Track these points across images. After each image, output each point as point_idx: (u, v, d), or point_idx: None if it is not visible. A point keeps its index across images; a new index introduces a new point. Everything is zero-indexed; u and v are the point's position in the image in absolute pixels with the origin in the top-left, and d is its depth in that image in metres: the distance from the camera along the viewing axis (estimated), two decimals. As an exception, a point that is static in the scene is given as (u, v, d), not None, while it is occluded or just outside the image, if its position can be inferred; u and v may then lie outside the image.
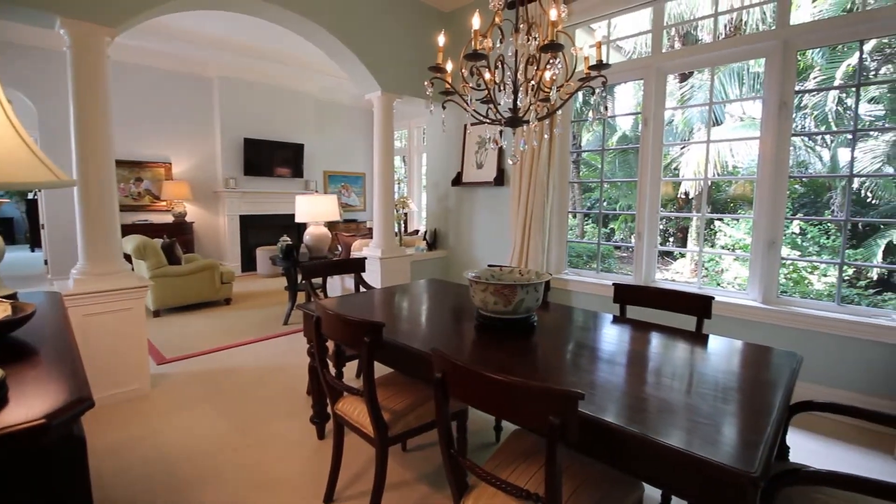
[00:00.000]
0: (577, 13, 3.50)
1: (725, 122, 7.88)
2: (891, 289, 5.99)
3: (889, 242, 6.04)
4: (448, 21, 4.35)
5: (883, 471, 2.08)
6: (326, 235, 4.51)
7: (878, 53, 6.43)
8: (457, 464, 1.25)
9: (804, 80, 6.77)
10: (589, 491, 1.23)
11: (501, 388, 1.05)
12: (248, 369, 3.22)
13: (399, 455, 2.17)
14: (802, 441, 2.31)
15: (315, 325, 1.74)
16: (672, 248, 8.75)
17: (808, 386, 2.58)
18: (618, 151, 8.68)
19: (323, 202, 4.39)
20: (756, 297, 2.87)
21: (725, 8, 6.55)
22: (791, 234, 6.85)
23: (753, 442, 1.00)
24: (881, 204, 6.34)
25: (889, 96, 6.32)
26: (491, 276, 2.02)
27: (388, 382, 1.89)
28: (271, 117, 7.10)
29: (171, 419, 2.51)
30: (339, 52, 3.78)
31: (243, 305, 5.05)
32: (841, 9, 6.29)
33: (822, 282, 6.35)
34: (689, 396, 1.25)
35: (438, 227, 4.81)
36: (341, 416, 1.80)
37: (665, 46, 3.35)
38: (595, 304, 3.46)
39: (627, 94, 8.90)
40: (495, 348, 1.64)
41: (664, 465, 1.03)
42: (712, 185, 7.76)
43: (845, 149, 6.69)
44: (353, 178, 8.52)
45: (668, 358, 1.59)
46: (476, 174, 4.35)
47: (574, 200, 9.21)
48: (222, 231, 6.84)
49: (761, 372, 1.45)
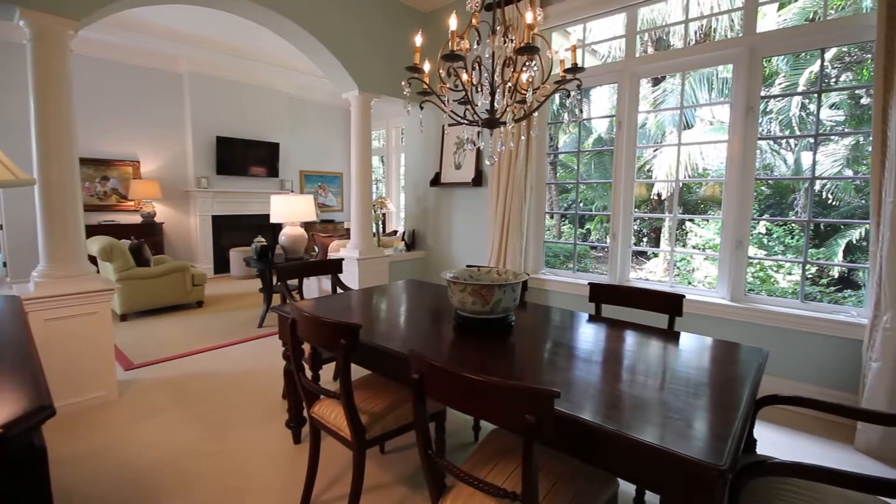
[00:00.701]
0: (553, 17, 3.55)
1: (696, 125, 8.11)
2: (850, 286, 6.27)
3: (849, 242, 6.33)
4: (426, 21, 4.34)
5: (844, 460, 2.18)
6: (302, 236, 4.44)
7: (838, 62, 6.73)
8: (434, 464, 1.24)
9: (770, 86, 7.03)
10: (565, 487, 1.25)
11: (478, 387, 1.05)
12: (220, 374, 3.14)
13: (377, 457, 2.15)
14: (769, 433, 2.39)
15: (290, 327, 1.71)
16: (646, 248, 8.96)
17: (774, 380, 2.68)
18: (593, 153, 8.83)
19: (299, 202, 4.32)
20: (725, 295, 2.96)
21: (696, 15, 6.75)
22: (758, 235, 7.10)
23: (722, 436, 1.03)
24: (841, 205, 6.64)
25: (848, 103, 6.63)
26: (469, 277, 2.03)
27: (365, 384, 1.88)
28: (245, 115, 6.94)
29: (138, 427, 2.42)
30: (316, 50, 3.73)
31: (216, 308, 4.93)
32: (804, 18, 6.57)
33: (786, 280, 6.60)
34: (661, 393, 1.28)
35: (417, 227, 4.80)
36: (318, 420, 1.77)
37: (638, 51, 3.44)
38: (572, 303, 3.51)
39: (603, 97, 9.07)
40: (473, 348, 1.65)
41: (638, 460, 1.05)
42: (683, 186, 7.99)
43: (808, 152, 6.99)
44: (331, 178, 8.42)
45: (641, 355, 1.63)
46: (454, 175, 4.36)
47: (551, 201, 9.33)
48: (194, 232, 6.66)
49: (730, 368, 1.49)
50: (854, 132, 6.32)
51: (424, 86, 2.00)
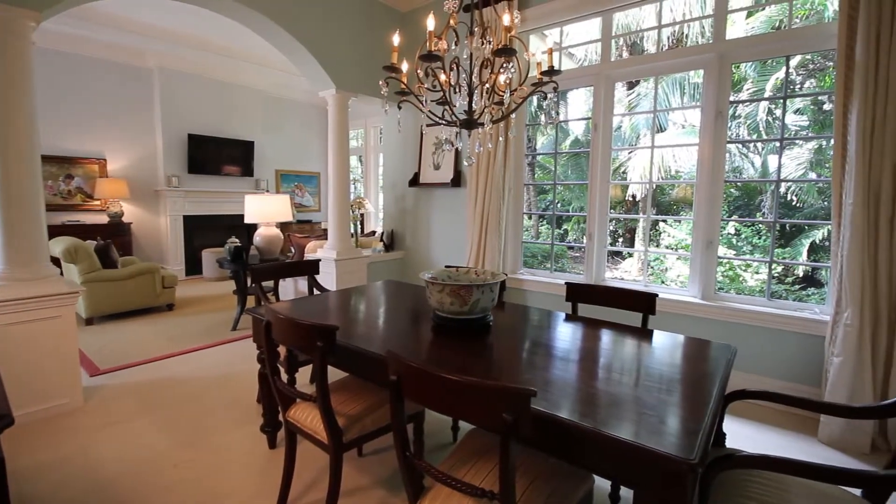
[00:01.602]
0: (531, 19, 3.58)
1: (669, 128, 8.32)
2: (814, 284, 6.54)
3: (812, 242, 6.60)
4: (405, 21, 4.33)
5: (808, 451, 2.27)
6: (278, 237, 4.36)
7: (803, 69, 7.02)
8: (412, 466, 1.24)
9: (738, 91, 7.28)
10: (542, 485, 1.26)
11: (455, 388, 1.05)
12: (192, 378, 3.05)
13: (355, 460, 2.12)
14: (737, 427, 2.47)
15: (265, 329, 1.68)
16: (621, 248, 9.15)
17: (743, 375, 2.77)
18: (570, 155, 8.97)
19: (274, 202, 4.24)
20: (696, 293, 3.05)
21: (668, 21, 6.93)
22: (727, 235, 7.34)
23: (693, 431, 1.06)
24: (805, 207, 6.93)
25: (812, 109, 6.91)
26: (447, 277, 2.03)
27: (343, 387, 1.85)
28: (218, 113, 6.78)
29: (105, 435, 2.33)
30: (292, 47, 3.66)
31: (188, 311, 4.79)
32: (770, 26, 6.82)
33: (754, 279, 6.84)
34: (635, 390, 1.31)
35: (395, 227, 4.77)
36: (293, 424, 1.74)
37: (614, 55, 3.50)
38: (549, 302, 3.55)
39: (579, 99, 9.21)
40: (452, 348, 1.64)
41: (612, 456, 1.07)
42: (657, 188, 8.18)
43: (774, 156, 7.25)
44: (308, 178, 8.30)
45: (616, 353, 1.66)
46: (433, 175, 4.35)
47: (529, 202, 9.42)
48: (164, 232, 6.45)
49: (701, 364, 1.54)
50: (817, 137, 6.60)
51: (402, 85, 1.99)
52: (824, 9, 6.23)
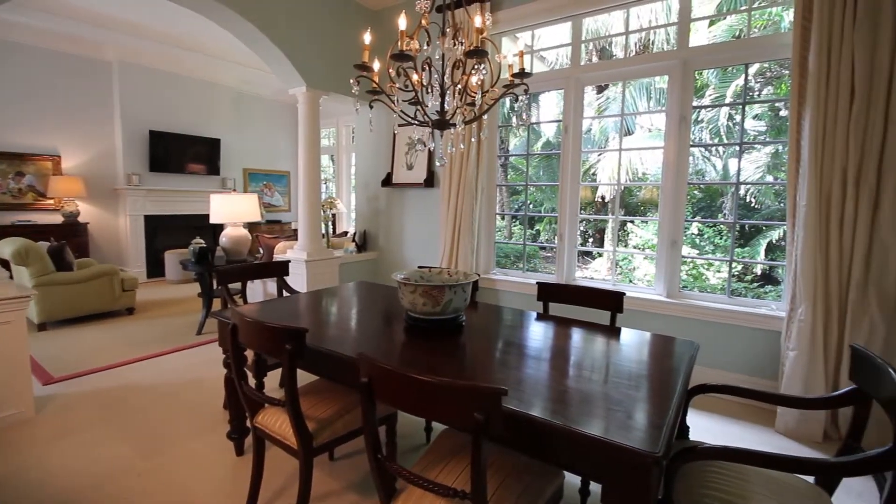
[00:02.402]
0: (503, 22, 3.62)
1: (636, 132, 8.56)
2: (771, 282, 6.85)
3: (769, 242, 6.93)
4: (376, 20, 4.29)
5: (766, 442, 2.37)
6: (246, 237, 4.24)
7: (761, 76, 7.35)
8: (384, 469, 1.22)
9: (701, 97, 7.55)
10: (514, 483, 1.27)
11: (427, 388, 1.05)
12: (155, 385, 2.93)
13: (326, 465, 2.09)
14: (700, 420, 2.56)
15: (231, 333, 1.63)
16: (591, 248, 9.35)
17: (705, 370, 2.88)
18: (542, 156, 9.09)
19: (242, 202, 4.12)
20: (661, 291, 3.14)
21: (635, 27, 7.13)
22: (691, 235, 7.61)
23: (657, 425, 1.09)
24: (763, 208, 7.26)
25: (769, 114, 7.25)
26: (420, 278, 2.02)
27: (313, 390, 1.82)
28: (182, 109, 6.54)
29: (60, 446, 2.21)
30: (260, 43, 3.57)
31: (149, 315, 4.60)
32: (731, 35, 7.11)
33: (716, 277, 7.12)
34: (603, 386, 1.33)
35: (368, 228, 4.72)
36: (262, 430, 1.69)
37: (584, 59, 3.57)
38: (521, 302, 3.59)
39: (551, 102, 9.35)
40: (424, 349, 1.64)
41: (581, 452, 1.09)
42: (625, 189, 8.40)
43: (734, 159, 7.57)
44: (277, 177, 8.11)
45: (586, 351, 1.69)
46: (406, 175, 4.33)
47: (502, 203, 9.49)
48: (123, 233, 6.17)
49: (666, 360, 1.58)
50: (774, 141, 6.93)
51: (374, 85, 1.97)
52: (780, 20, 6.55)
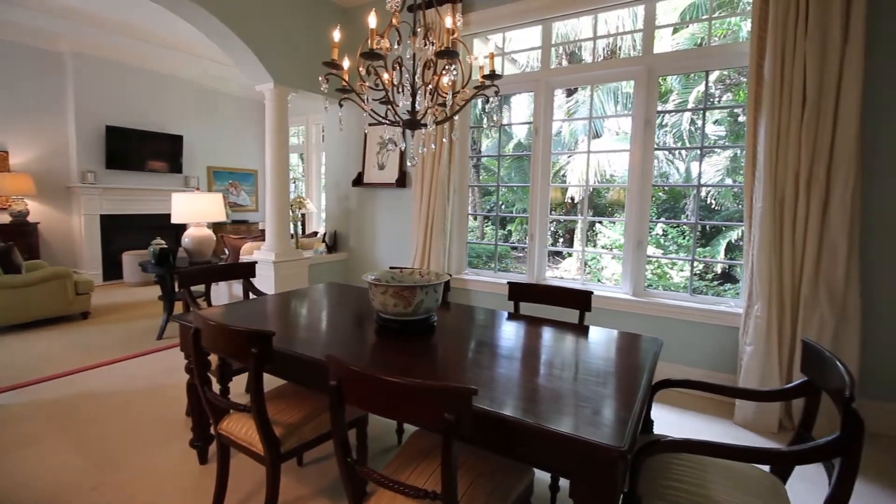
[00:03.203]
0: (475, 23, 3.64)
1: (604, 135, 8.78)
2: (730, 280, 7.16)
3: (729, 242, 7.24)
4: (346, 17, 4.23)
5: (725, 433, 2.47)
6: (210, 238, 4.08)
7: (721, 83, 7.67)
8: (353, 472, 1.20)
9: (665, 102, 7.82)
10: (484, 482, 1.27)
11: (397, 390, 1.04)
12: (112, 393, 2.79)
13: (294, 470, 2.04)
14: (664, 414, 2.64)
15: (193, 337, 1.56)
16: (561, 248, 9.52)
17: (669, 366, 2.97)
18: (514, 158, 9.20)
19: (205, 201, 3.98)
20: (628, 290, 3.23)
21: (603, 33, 7.31)
22: (655, 235, 7.86)
23: (623, 420, 1.11)
24: (723, 209, 7.59)
25: (728, 120, 7.58)
26: (391, 279, 2.00)
27: (280, 395, 1.77)
28: (142, 104, 6.27)
29: (11, 459, 2.07)
30: (226, 38, 3.45)
31: (106, 319, 4.38)
32: (693, 43, 7.39)
33: (679, 276, 7.39)
34: (571, 384, 1.36)
35: (339, 228, 4.65)
36: (226, 437, 1.64)
37: (554, 63, 3.63)
38: (493, 302, 3.62)
39: (522, 104, 9.47)
40: (396, 351, 1.62)
41: (550, 448, 1.10)
42: (593, 191, 8.59)
43: (696, 162, 7.88)
44: (243, 175, 7.88)
45: (556, 350, 1.71)
46: (378, 175, 4.29)
47: (475, 203, 9.55)
48: (77, 233, 5.86)
49: (632, 357, 1.63)
50: (732, 146, 7.23)
51: (343, 83, 1.94)
52: (739, 29, 6.86)
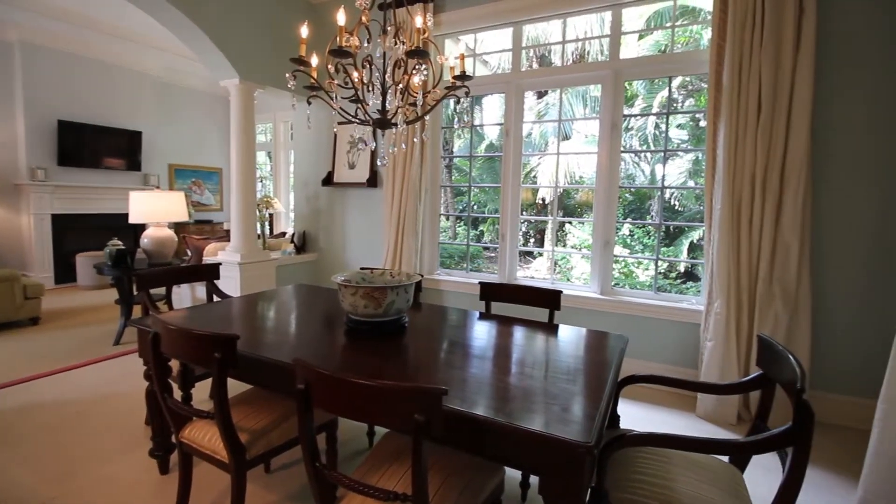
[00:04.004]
0: (446, 24, 3.64)
1: (573, 137, 8.96)
2: (692, 279, 7.44)
3: (691, 241, 7.53)
4: (315, 13, 4.15)
5: (688, 426, 2.56)
6: (171, 238, 3.92)
7: (683, 89, 7.97)
8: (322, 477, 1.18)
9: (631, 106, 8.06)
10: (455, 481, 1.27)
11: (366, 392, 1.02)
12: (65, 402, 2.64)
13: (262, 477, 1.98)
14: (630, 409, 2.72)
15: (152, 342, 1.50)
16: (532, 248, 9.66)
17: (635, 362, 3.06)
18: (486, 158, 9.27)
19: (166, 200, 3.82)
20: (596, 289, 3.31)
21: (572, 37, 7.46)
22: (622, 236, 8.10)
23: (590, 416, 1.13)
24: (685, 210, 7.88)
25: (690, 125, 7.88)
26: (361, 279, 1.97)
27: (246, 400, 1.72)
28: (98, 97, 5.96)
29: (-59, 478, 1.92)
30: (189, 31, 3.33)
31: (58, 325, 4.14)
32: (657, 49, 7.64)
33: (645, 274, 7.63)
34: (541, 382, 1.37)
35: (308, 228, 4.56)
36: (189, 445, 1.57)
37: (524, 65, 3.68)
38: (465, 302, 3.63)
39: (494, 105, 9.55)
40: (366, 352, 1.60)
41: (519, 446, 1.11)
42: (563, 192, 8.77)
43: (661, 165, 8.15)
44: (207, 174, 7.62)
45: (526, 348, 1.73)
46: (348, 174, 4.24)
47: (447, 203, 9.55)
48: (26, 234, 5.51)
49: (599, 354, 1.66)
50: (694, 149, 7.53)
51: (312, 80, 1.91)
52: (700, 38, 7.14)
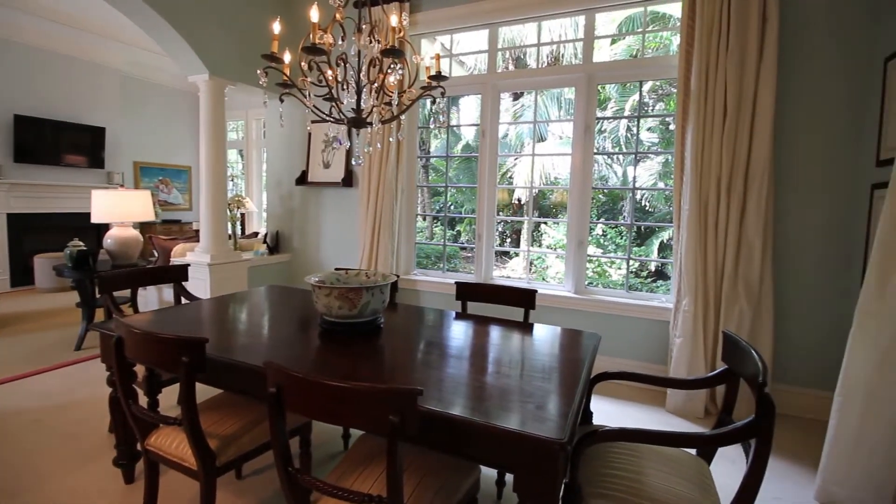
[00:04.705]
0: (422, 23, 3.63)
1: (549, 139, 9.09)
2: (662, 277, 7.66)
3: (661, 241, 7.75)
4: (288, 9, 4.07)
5: (658, 421, 2.64)
6: (136, 239, 3.77)
7: (654, 93, 8.19)
8: (295, 482, 1.16)
9: (604, 109, 8.23)
10: (431, 482, 1.27)
11: (339, 394, 1.01)
12: (23, 410, 2.50)
13: (233, 484, 1.93)
14: (602, 405, 2.77)
15: (115, 346, 1.44)
16: (508, 248, 9.75)
17: (608, 359, 3.12)
18: (462, 159, 9.30)
19: (131, 199, 3.67)
20: (570, 288, 3.36)
21: (547, 40, 7.56)
22: (596, 236, 8.27)
23: (563, 413, 1.15)
24: (656, 211, 8.10)
25: (661, 128, 8.11)
26: (336, 280, 1.95)
27: (216, 405, 1.67)
28: (59, 92, 5.69)
29: None
30: (155, 24, 3.21)
31: (14, 330, 3.93)
32: (629, 54, 7.83)
33: (617, 274, 7.80)
34: (517, 381, 1.38)
35: (281, 228, 4.47)
36: (155, 453, 1.52)
37: (500, 67, 3.71)
38: (442, 302, 3.63)
39: (471, 106, 9.59)
40: (340, 354, 1.58)
41: (494, 445, 1.12)
42: (539, 193, 8.88)
43: (632, 167, 8.35)
44: (175, 172, 7.38)
45: (501, 348, 1.74)
46: (323, 174, 4.18)
47: (424, 203, 9.53)
48: (-20, 234, 5.23)
49: (573, 352, 1.69)
50: (664, 152, 7.75)
51: (284, 77, 1.87)
52: (669, 43, 7.35)
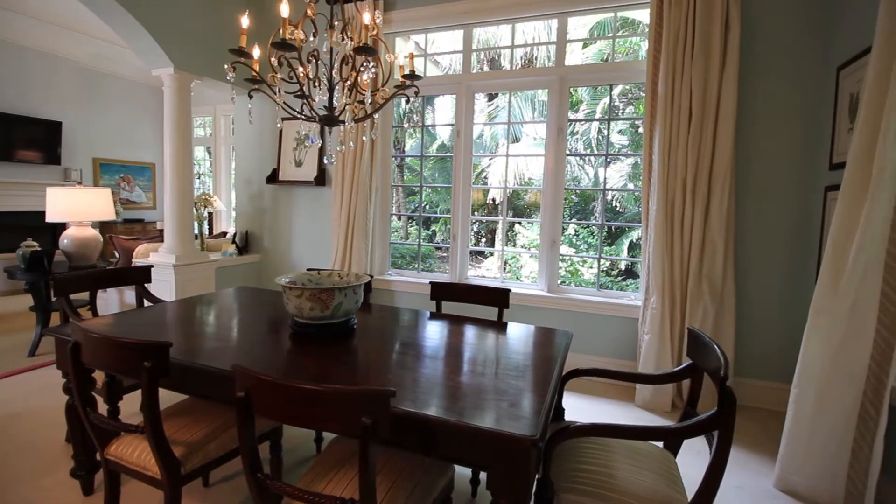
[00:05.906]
0: (396, 22, 3.61)
1: (523, 139, 9.19)
2: (632, 276, 7.87)
3: (631, 241, 7.96)
4: (258, 2, 3.96)
5: (627, 415, 2.70)
6: (95, 239, 3.59)
7: (624, 97, 8.40)
8: (265, 488, 1.13)
9: (576, 111, 8.39)
10: (405, 483, 1.26)
11: (310, 397, 0.99)
12: (-33, 422, 2.36)
13: (199, 492, 1.87)
14: (574, 402, 2.82)
15: (72, 352, 1.37)
16: (483, 247, 9.81)
17: (580, 356, 3.18)
18: (438, 159, 9.30)
19: (90, 197, 3.50)
20: (543, 287, 3.41)
21: (521, 42, 7.64)
22: (568, 235, 8.41)
23: (535, 410, 1.17)
24: (626, 212, 8.31)
25: (631, 130, 8.32)
26: (308, 281, 1.91)
27: (181, 411, 1.61)
28: (10, 83, 5.37)
29: None
30: (115, 14, 3.07)
31: (-38, 335, 3.70)
32: (600, 58, 7.99)
33: (589, 272, 7.96)
34: (491, 379, 1.39)
35: (251, 228, 4.36)
36: (115, 462, 1.45)
37: (475, 67, 3.72)
38: (416, 302, 3.62)
39: (445, 106, 9.59)
40: (312, 356, 1.55)
41: (466, 444, 1.12)
42: (513, 193, 8.97)
43: (603, 168, 8.55)
44: (138, 169, 7.08)
45: (475, 347, 1.75)
46: (295, 172, 4.09)
47: (398, 203, 9.50)
48: (-78, 233, 4.88)
49: (546, 350, 1.71)
50: (633, 154, 7.96)
51: (253, 73, 1.82)
52: (639, 48, 7.55)
